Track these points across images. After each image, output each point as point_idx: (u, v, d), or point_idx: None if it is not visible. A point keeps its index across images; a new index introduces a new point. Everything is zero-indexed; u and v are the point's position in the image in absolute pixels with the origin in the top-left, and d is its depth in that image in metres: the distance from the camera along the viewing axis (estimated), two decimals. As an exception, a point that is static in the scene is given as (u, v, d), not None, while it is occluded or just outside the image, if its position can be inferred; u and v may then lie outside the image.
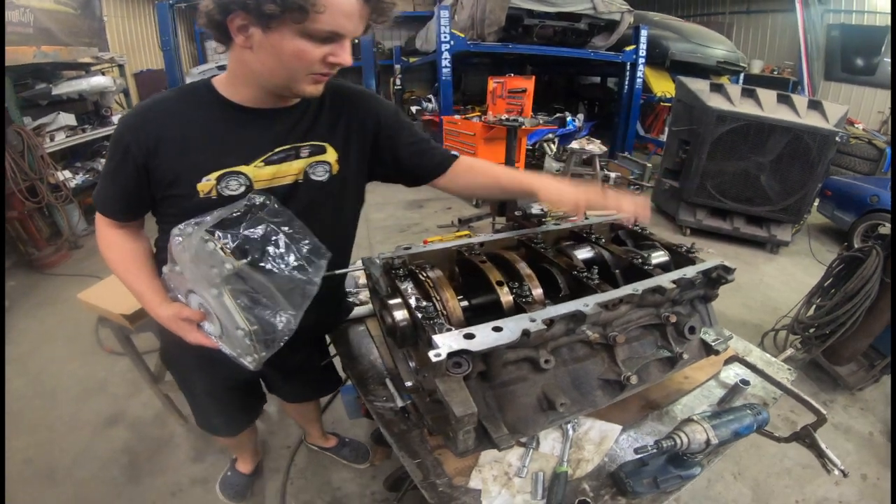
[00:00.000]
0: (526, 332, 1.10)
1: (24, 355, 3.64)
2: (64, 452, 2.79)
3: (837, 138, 5.42)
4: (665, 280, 1.36)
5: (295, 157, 1.38)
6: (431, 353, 1.01)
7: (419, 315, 1.19)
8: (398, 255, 1.48)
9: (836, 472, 1.37)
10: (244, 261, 1.17)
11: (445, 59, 8.06)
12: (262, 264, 1.19)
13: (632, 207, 1.55)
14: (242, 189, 1.32)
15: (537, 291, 1.35)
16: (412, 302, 1.25)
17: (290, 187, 1.39)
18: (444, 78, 8.25)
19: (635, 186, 8.31)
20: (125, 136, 1.27)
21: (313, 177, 1.43)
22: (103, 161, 5.88)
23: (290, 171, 1.38)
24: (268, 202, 1.26)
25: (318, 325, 1.79)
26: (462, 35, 8.15)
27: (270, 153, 1.34)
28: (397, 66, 13.49)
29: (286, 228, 1.24)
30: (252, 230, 1.21)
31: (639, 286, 1.33)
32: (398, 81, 13.53)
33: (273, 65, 1.17)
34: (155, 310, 1.38)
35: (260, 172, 1.33)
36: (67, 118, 6.09)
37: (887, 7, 9.38)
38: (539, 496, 1.24)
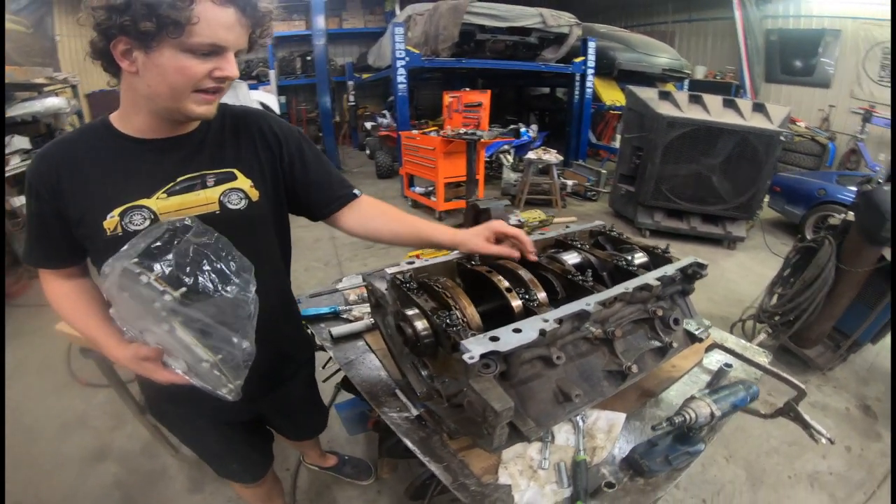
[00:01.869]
0: (542, 332, 1.18)
1: (-5, 391, 3.53)
2: (53, 491, 2.70)
3: (782, 137, 5.78)
4: (650, 278, 1.50)
5: (202, 186, 1.34)
6: (465, 357, 1.08)
7: (441, 324, 1.26)
8: (404, 269, 1.54)
9: (824, 440, 1.48)
10: (182, 289, 1.11)
11: (401, 74, 8.15)
12: (200, 290, 1.13)
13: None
14: (147, 223, 1.27)
15: (542, 295, 1.44)
16: (430, 312, 1.32)
17: (208, 218, 1.32)
18: (400, 94, 8.34)
19: (591, 193, 8.55)
20: (32, 182, 1.26)
21: (229, 205, 1.38)
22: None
23: (200, 200, 1.34)
24: (191, 224, 1.19)
25: (283, 359, 1.78)
26: (416, 51, 8.26)
27: (172, 183, 1.30)
28: (350, 83, 13.54)
29: (214, 247, 1.19)
30: (180, 256, 1.13)
31: (629, 284, 1.45)
32: (352, 98, 13.59)
33: (159, 85, 1.15)
34: (113, 352, 1.31)
35: (164, 204, 1.29)
36: (22, 141, 5.81)
37: (823, 11, 10.01)
38: (565, 484, 1.31)
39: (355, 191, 1.68)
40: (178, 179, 1.32)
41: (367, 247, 6.28)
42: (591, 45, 9.67)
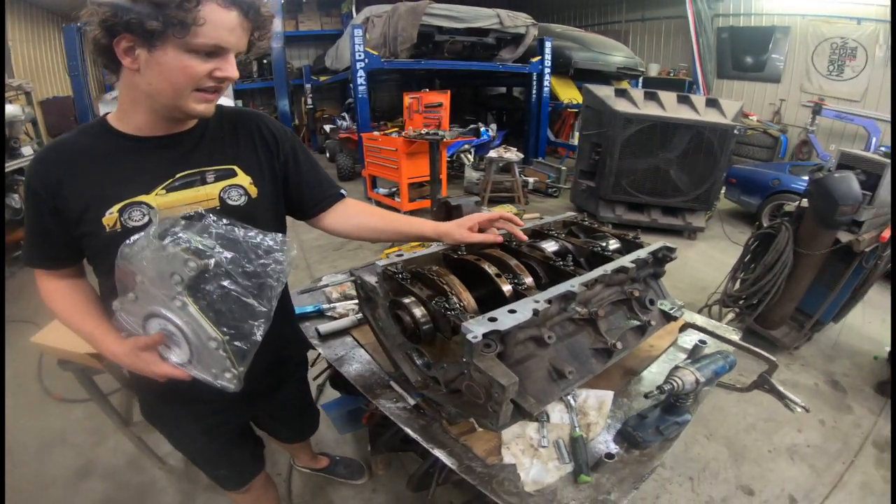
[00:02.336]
0: (536, 312, 1.26)
1: (-36, 413, 3.40)
2: (42, 512, 2.60)
3: (735, 131, 6.05)
4: (626, 261, 1.63)
5: (202, 183, 1.37)
6: (469, 336, 1.14)
7: (439, 309, 1.32)
8: (395, 261, 1.60)
9: (799, 409, 1.59)
10: (206, 260, 1.11)
11: (361, 76, 8.17)
12: (224, 265, 1.14)
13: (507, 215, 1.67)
14: (146, 219, 1.28)
15: (529, 280, 1.53)
16: (427, 299, 1.38)
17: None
18: (360, 96, 8.35)
19: (552, 189, 8.69)
20: (31, 183, 1.27)
21: (229, 201, 1.41)
22: (16, 196, 5.54)
23: (200, 196, 1.36)
24: (210, 214, 1.21)
25: (281, 360, 1.82)
26: (375, 53, 8.29)
27: (171, 180, 1.32)
28: (308, 86, 13.46)
29: (240, 227, 1.21)
30: (207, 231, 1.15)
31: (608, 267, 1.57)
32: (310, 101, 13.51)
33: (160, 83, 1.17)
34: (110, 348, 1.31)
35: (163, 200, 1.31)
36: None
37: (773, 9, 10.46)
38: (566, 459, 1.37)
39: (342, 191, 1.72)
40: (177, 176, 1.33)
41: (335, 248, 6.26)
42: (548, 44, 9.85)
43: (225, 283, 1.13)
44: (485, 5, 8.83)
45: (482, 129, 9.70)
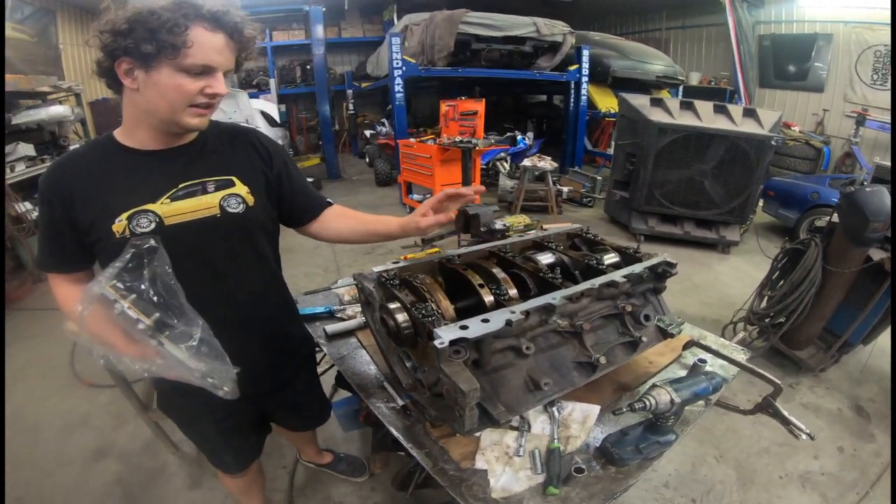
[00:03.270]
0: (509, 322, 1.28)
1: (-2, 393, 3.60)
2: (55, 489, 2.76)
3: (773, 142, 5.84)
4: (617, 275, 1.61)
5: (203, 192, 1.47)
6: (436, 342, 1.17)
7: (418, 315, 1.35)
8: (389, 268, 1.65)
9: (803, 436, 1.53)
10: (155, 315, 1.21)
11: (398, 84, 8.26)
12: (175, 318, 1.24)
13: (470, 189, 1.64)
14: (153, 226, 1.38)
15: (513, 291, 1.55)
16: (409, 305, 1.42)
17: (209, 221, 1.47)
18: (397, 103, 8.45)
19: (587, 199, 8.63)
20: (46, 192, 1.38)
21: (229, 209, 1.50)
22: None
23: (202, 205, 1.46)
24: (156, 245, 1.27)
25: (286, 356, 1.91)
26: (413, 61, 8.37)
27: (175, 189, 1.42)
28: (349, 91, 13.66)
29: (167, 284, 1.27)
30: (153, 283, 1.24)
31: (595, 281, 1.57)
32: (351, 106, 13.71)
33: (157, 101, 1.29)
34: (123, 350, 1.32)
35: (168, 208, 1.41)
36: (27, 148, 5.98)
37: (815, 16, 10.08)
38: (539, 470, 1.38)
39: (328, 199, 1.84)
40: (180, 186, 1.44)
41: (365, 252, 6.35)
42: (586, 52, 9.76)
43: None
44: (522, 13, 8.82)
45: (518, 137, 9.68)
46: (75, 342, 2.40)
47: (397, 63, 8.14)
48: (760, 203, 6.80)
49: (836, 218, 3.44)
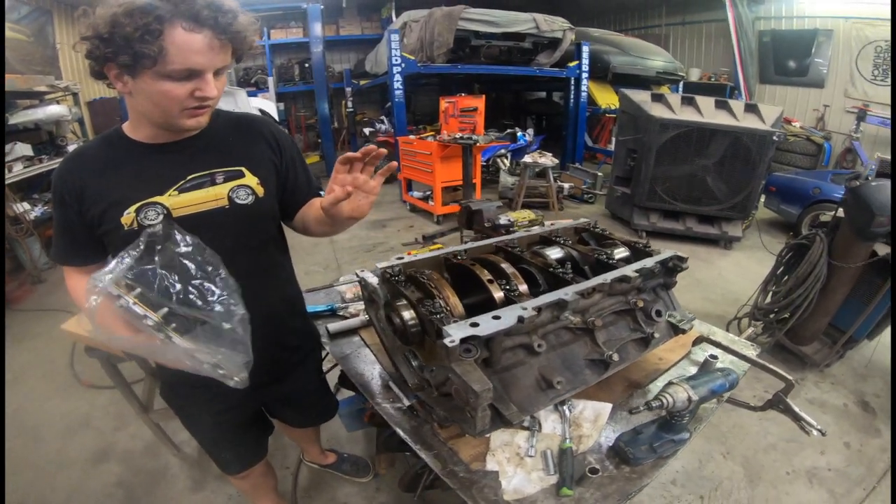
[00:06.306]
0: (520, 319, 1.23)
1: (-2, 394, 3.56)
2: (56, 492, 2.73)
3: (775, 137, 5.81)
4: (629, 270, 1.56)
5: (211, 184, 1.46)
6: (446, 341, 1.13)
7: (426, 312, 1.31)
8: (393, 264, 1.60)
9: (815, 432, 1.51)
10: (163, 310, 1.17)
11: (398, 81, 8.21)
12: (189, 304, 1.20)
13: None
14: (161, 218, 1.37)
15: (523, 287, 1.50)
16: (416, 302, 1.38)
17: (217, 212, 1.46)
18: (397, 100, 8.38)
19: (588, 195, 8.60)
20: (58, 187, 1.39)
21: (238, 200, 1.49)
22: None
23: (210, 196, 1.45)
24: (168, 228, 1.26)
25: (289, 350, 1.87)
26: (412, 57, 8.32)
27: (182, 181, 1.42)
28: (348, 89, 13.60)
29: (199, 258, 1.25)
30: (168, 268, 1.21)
31: (607, 276, 1.52)
32: (350, 104, 13.65)
33: (148, 106, 1.28)
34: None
35: (176, 201, 1.40)
36: (24, 148, 5.92)
37: (815, 11, 10.03)
38: (551, 471, 1.35)
39: (321, 192, 1.75)
40: (188, 178, 1.43)
41: (366, 250, 6.35)
42: (585, 49, 9.70)
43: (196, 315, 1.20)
44: (521, 10, 8.77)
45: (519, 133, 9.64)
46: (74, 343, 2.37)
47: (397, 60, 8.08)
48: (762, 199, 6.78)
49: (841, 213, 3.42)
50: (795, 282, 3.53)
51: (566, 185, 8.55)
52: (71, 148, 6.35)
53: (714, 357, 1.77)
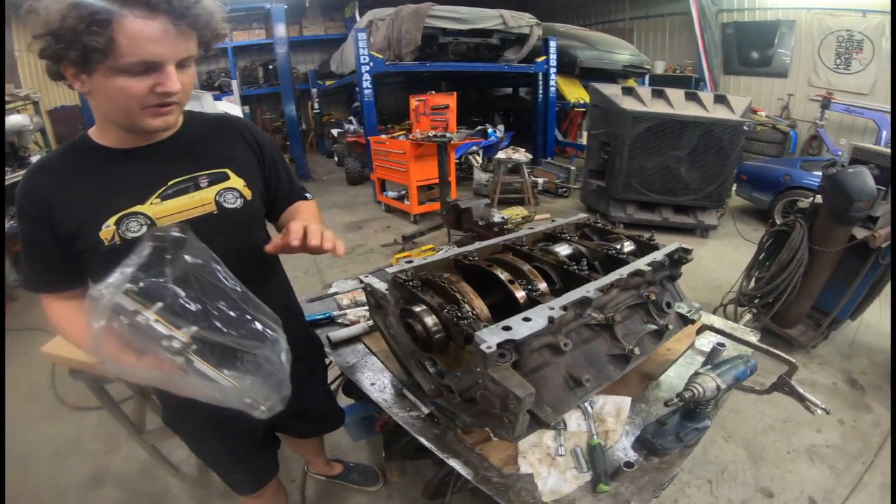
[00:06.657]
0: (551, 319, 1.23)
1: (-22, 420, 3.39)
2: (54, 521, 2.59)
3: (745, 127, 5.97)
4: (642, 264, 1.59)
5: (196, 188, 1.36)
6: (483, 347, 1.11)
7: (452, 318, 1.29)
8: (404, 268, 1.57)
9: (819, 411, 1.54)
10: (193, 328, 1.04)
11: (366, 80, 8.12)
12: (214, 329, 1.09)
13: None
14: (144, 229, 1.26)
15: (543, 285, 1.49)
16: (438, 307, 1.36)
17: (206, 218, 1.36)
18: (366, 99, 8.29)
19: (562, 189, 8.65)
20: (23, 204, 1.24)
21: (226, 204, 1.40)
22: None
23: (196, 202, 1.35)
24: (184, 236, 1.13)
25: (296, 360, 1.78)
26: (380, 56, 8.25)
27: (164, 188, 1.31)
28: (314, 90, 13.48)
29: (218, 268, 1.15)
30: (182, 283, 1.07)
31: (623, 271, 1.53)
32: (316, 105, 13.54)
33: (107, 105, 1.16)
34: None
35: (159, 209, 1.29)
36: None
37: (777, 3, 10.32)
38: (584, 468, 1.35)
39: (307, 194, 1.74)
40: (169, 183, 1.32)
41: (346, 254, 6.24)
42: (553, 44, 9.78)
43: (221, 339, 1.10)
44: (488, 6, 8.79)
45: (489, 130, 9.66)
46: (54, 364, 2.25)
47: (365, 59, 7.98)
48: (734, 187, 6.92)
49: (819, 199, 3.51)
50: (778, 267, 3.62)
51: (540, 181, 8.61)
52: (34, 159, 6.14)
53: (722, 345, 1.80)
